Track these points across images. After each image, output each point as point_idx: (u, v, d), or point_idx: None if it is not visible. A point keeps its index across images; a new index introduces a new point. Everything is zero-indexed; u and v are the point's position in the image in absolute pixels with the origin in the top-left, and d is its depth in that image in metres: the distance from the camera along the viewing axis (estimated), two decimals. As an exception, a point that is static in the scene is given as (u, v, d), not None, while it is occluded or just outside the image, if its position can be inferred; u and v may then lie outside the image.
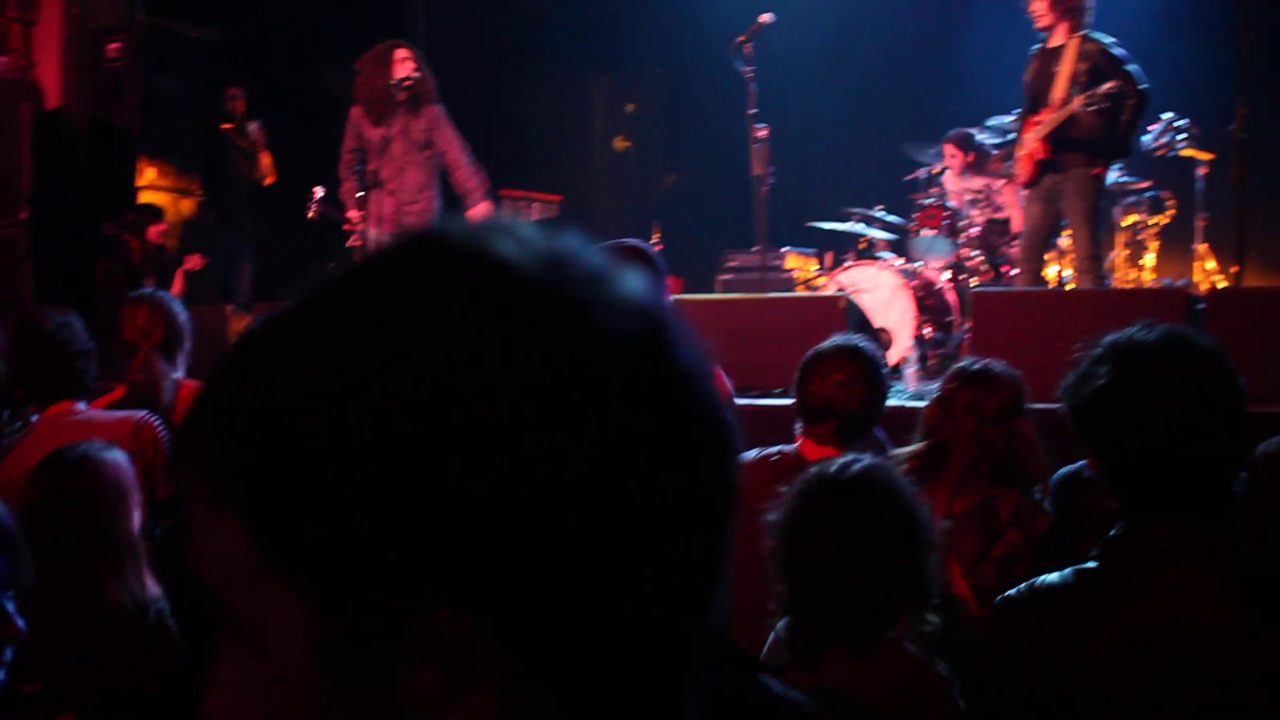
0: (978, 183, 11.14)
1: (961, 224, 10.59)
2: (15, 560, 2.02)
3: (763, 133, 8.97)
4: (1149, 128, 10.85)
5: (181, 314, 5.48)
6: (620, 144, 16.23)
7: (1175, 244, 11.25)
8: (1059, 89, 8.41)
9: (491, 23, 14.09)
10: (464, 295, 0.79)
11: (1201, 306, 6.89)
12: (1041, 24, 8.59)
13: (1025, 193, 8.77)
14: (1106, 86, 8.07)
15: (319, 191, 10.04)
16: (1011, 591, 2.55)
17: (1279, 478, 3.43)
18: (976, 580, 3.85)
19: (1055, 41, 8.55)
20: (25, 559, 2.07)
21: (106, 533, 3.52)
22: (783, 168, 9.27)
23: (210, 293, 11.68)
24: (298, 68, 14.16)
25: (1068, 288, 9.86)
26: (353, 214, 9.47)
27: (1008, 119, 10.95)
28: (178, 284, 10.71)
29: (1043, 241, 8.84)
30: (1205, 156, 10.72)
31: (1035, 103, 8.64)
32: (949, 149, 11.33)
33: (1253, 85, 8.04)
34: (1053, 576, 2.50)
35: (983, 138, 11.39)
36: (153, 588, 3.58)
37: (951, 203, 10.91)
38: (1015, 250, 10.54)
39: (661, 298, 0.86)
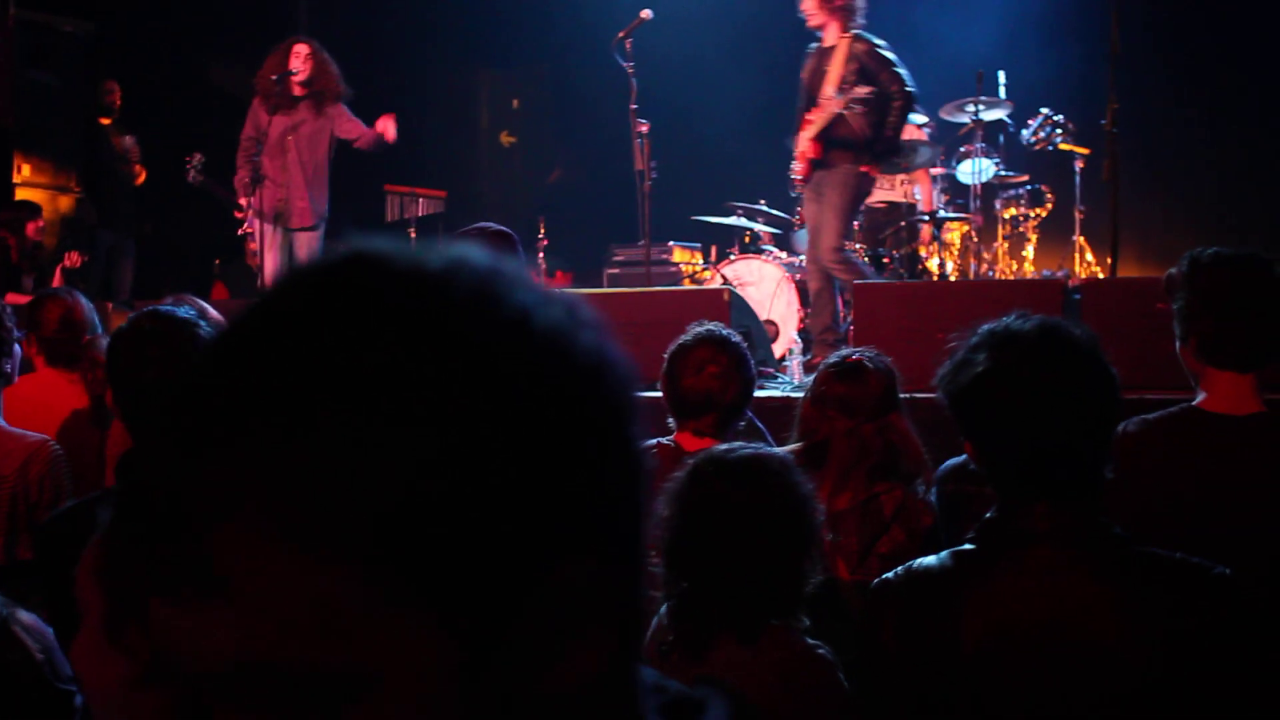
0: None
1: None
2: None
3: (644, 127, 8.99)
4: (1028, 122, 11.04)
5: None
6: (506, 139, 16.20)
7: (1055, 236, 11.44)
8: (827, 88, 8.56)
9: (377, 17, 14.02)
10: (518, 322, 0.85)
11: (1077, 297, 7.00)
12: (812, 23, 8.71)
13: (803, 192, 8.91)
14: (863, 91, 8.29)
15: (197, 157, 9.98)
16: (889, 574, 2.60)
17: (1141, 458, 3.50)
18: (861, 576, 3.84)
19: (828, 41, 8.69)
20: None
21: None
22: (667, 162, 9.30)
23: (90, 290, 11.51)
24: (177, 61, 13.98)
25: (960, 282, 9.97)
26: (242, 200, 9.43)
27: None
28: (56, 282, 10.54)
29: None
30: (1082, 151, 10.91)
31: (809, 101, 8.78)
32: None
33: (1123, 81, 8.17)
34: (930, 559, 2.56)
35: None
36: None
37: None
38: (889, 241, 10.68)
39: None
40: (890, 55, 8.53)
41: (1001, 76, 11.23)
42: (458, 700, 0.81)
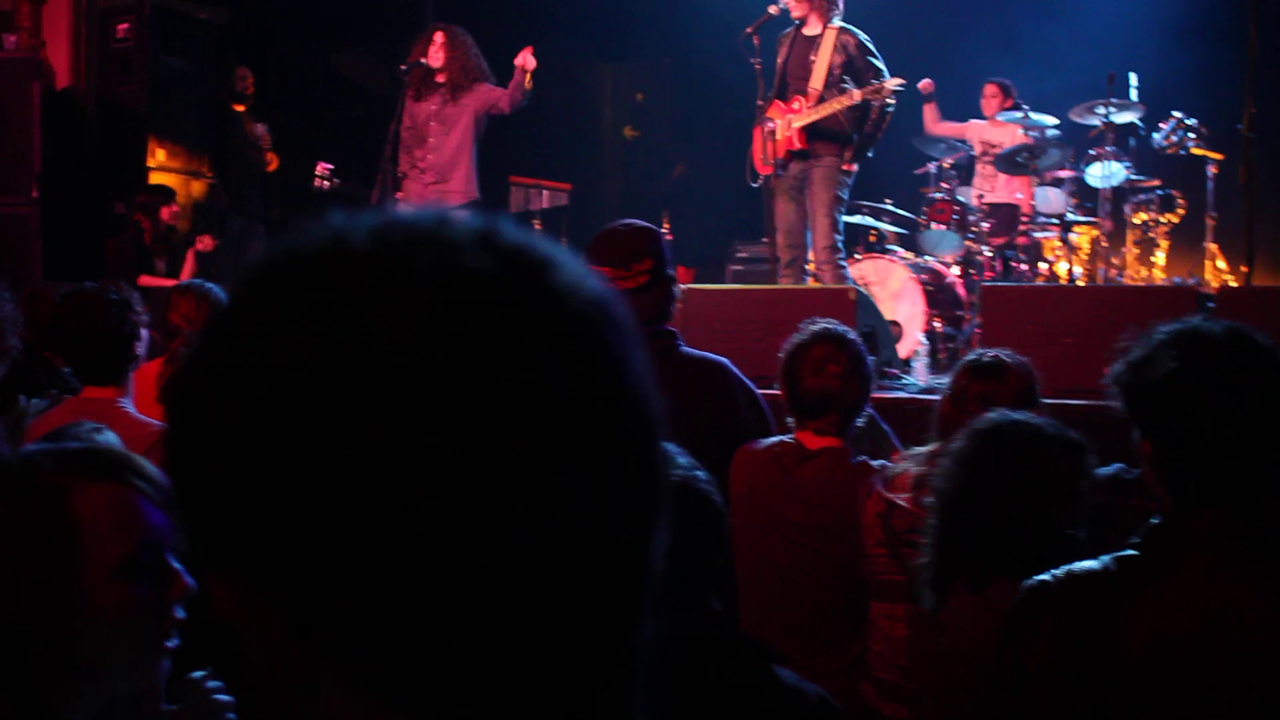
0: (1001, 135, 11.18)
1: (971, 219, 10.58)
2: (175, 521, 2.07)
3: (771, 124, 8.95)
4: (1160, 125, 10.85)
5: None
6: (630, 133, 16.21)
7: (1186, 243, 11.24)
8: (817, 79, 8.54)
9: (502, 9, 14.09)
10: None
11: (1211, 305, 6.88)
12: (796, 14, 8.74)
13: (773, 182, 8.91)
14: (891, 84, 8.39)
15: (324, 167, 10.11)
16: (1046, 576, 2.59)
17: None
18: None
19: (811, 30, 8.72)
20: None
21: None
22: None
23: (221, 274, 11.69)
24: (307, 50, 14.14)
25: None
26: (399, 195, 9.54)
27: (1016, 115, 10.96)
28: (188, 265, 10.72)
29: (803, 236, 8.92)
30: (1215, 156, 10.70)
31: (786, 89, 8.81)
32: (991, 89, 11.41)
33: (1260, 85, 8.00)
34: (1090, 563, 2.55)
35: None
36: None
37: (961, 197, 10.91)
38: (1023, 240, 10.56)
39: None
40: (874, 49, 8.64)
41: (1133, 79, 11.05)
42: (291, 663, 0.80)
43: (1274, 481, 2.46)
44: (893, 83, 8.36)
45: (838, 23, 8.66)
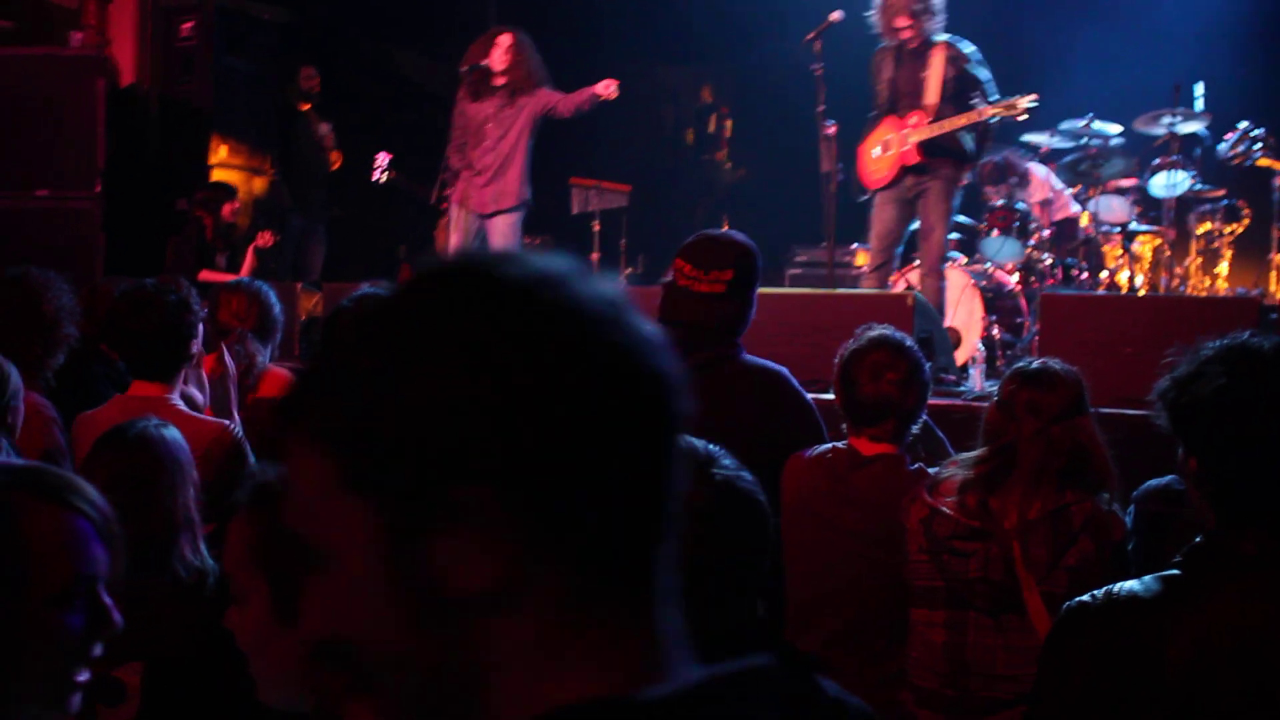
0: (1037, 194, 11.10)
1: (1032, 226, 10.50)
2: (113, 555, 2.00)
3: (831, 130, 8.89)
4: (1226, 135, 10.74)
5: (275, 305, 5.66)
6: (690, 136, 16.20)
7: (1250, 253, 11.11)
8: (931, 94, 8.45)
9: (564, 10, 14.11)
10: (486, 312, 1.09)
11: (1274, 316, 6.79)
12: (906, 33, 8.59)
13: (878, 195, 8.82)
14: (1024, 102, 8.25)
15: (384, 157, 10.16)
16: (1086, 597, 2.54)
17: None
18: (1049, 588, 3.79)
19: (915, 44, 8.60)
20: (120, 556, 2.04)
21: (163, 507, 3.55)
22: (852, 164, 9.21)
23: (281, 270, 11.77)
24: (369, 51, 14.21)
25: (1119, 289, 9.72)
26: (449, 193, 9.55)
27: (1079, 123, 10.87)
28: (248, 261, 10.78)
29: (895, 244, 8.89)
30: (1282, 167, 10.59)
31: (896, 104, 8.71)
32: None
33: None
34: (1132, 583, 2.50)
35: (1054, 141, 11.32)
36: (209, 559, 3.60)
37: (1021, 204, 10.83)
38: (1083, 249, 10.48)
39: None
40: (982, 59, 8.59)
41: (1199, 88, 10.95)
42: (385, 581, 1.09)
43: None
44: (1025, 100, 8.25)
45: (943, 36, 8.57)
